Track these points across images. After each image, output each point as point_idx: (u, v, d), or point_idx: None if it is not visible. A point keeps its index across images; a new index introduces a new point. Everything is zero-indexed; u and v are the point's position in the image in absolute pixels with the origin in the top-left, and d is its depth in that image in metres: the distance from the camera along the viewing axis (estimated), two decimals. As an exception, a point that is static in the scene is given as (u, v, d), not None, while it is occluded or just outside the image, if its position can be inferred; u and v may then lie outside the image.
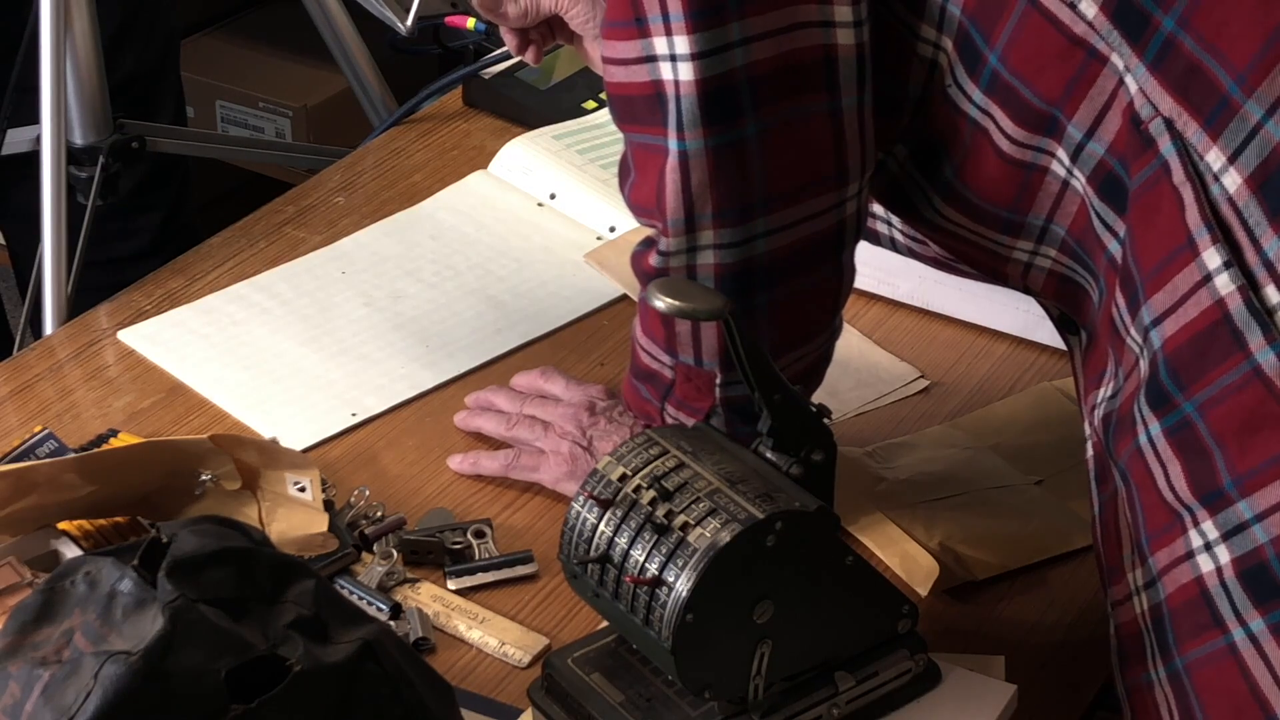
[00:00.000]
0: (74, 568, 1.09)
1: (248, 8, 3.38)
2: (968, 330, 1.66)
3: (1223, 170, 1.08)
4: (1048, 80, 1.14)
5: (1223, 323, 1.07)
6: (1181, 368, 1.09)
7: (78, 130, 1.94)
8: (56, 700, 1.02)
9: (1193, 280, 1.08)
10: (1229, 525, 1.07)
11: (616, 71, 1.22)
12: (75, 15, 1.89)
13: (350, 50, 2.21)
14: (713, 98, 1.19)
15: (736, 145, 1.20)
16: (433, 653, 1.32)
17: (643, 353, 1.35)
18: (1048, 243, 1.21)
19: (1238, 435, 1.07)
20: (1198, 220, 1.08)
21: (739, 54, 1.17)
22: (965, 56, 1.18)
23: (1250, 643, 1.07)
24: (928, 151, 1.24)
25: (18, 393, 1.56)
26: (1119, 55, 1.11)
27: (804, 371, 1.32)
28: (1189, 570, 1.10)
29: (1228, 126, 1.08)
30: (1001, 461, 1.49)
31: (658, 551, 1.14)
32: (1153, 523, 1.13)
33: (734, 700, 1.17)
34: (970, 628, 1.36)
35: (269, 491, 1.38)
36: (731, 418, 1.29)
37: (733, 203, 1.21)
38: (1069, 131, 1.15)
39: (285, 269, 1.72)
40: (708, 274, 1.24)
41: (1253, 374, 1.06)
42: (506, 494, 1.47)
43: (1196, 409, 1.09)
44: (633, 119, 1.23)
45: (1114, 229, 1.15)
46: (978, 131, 1.19)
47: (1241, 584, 1.07)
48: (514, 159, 1.85)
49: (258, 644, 1.04)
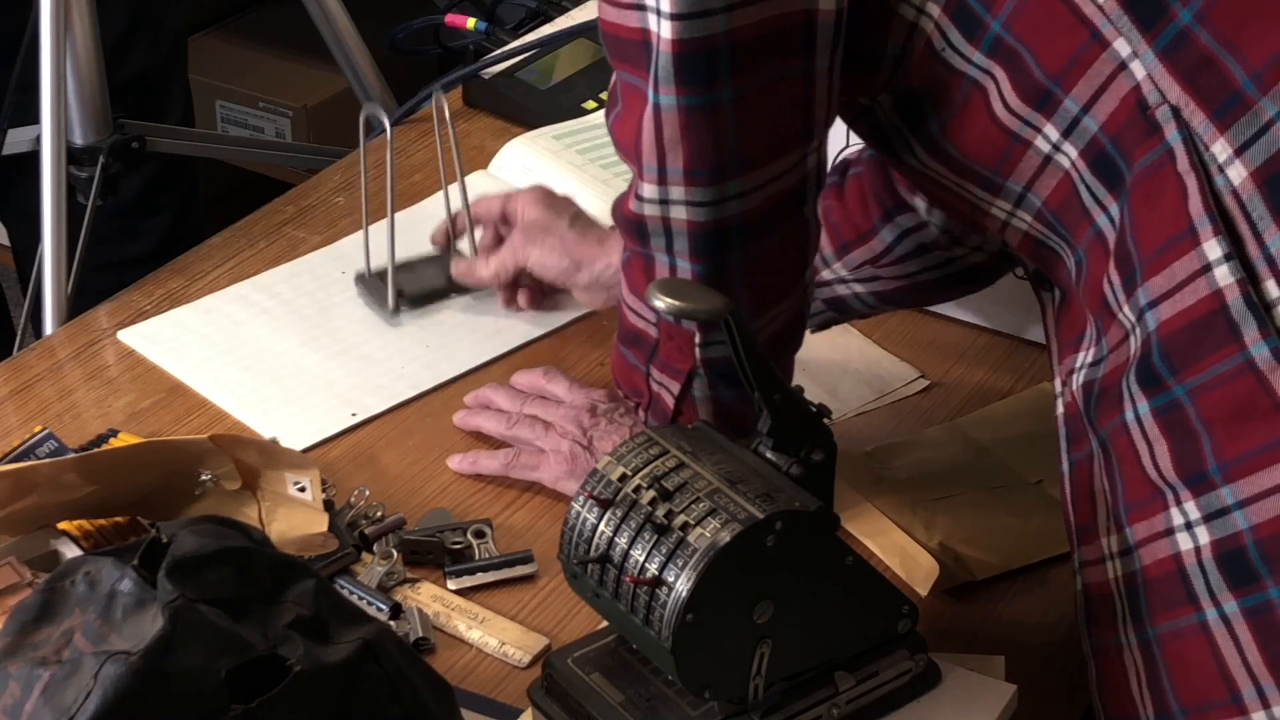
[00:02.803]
0: (74, 568, 1.10)
1: (248, 8, 3.38)
2: (968, 330, 1.66)
3: (1228, 162, 1.09)
4: (1052, 51, 1.16)
5: (1219, 313, 1.09)
6: (1175, 352, 1.11)
7: (78, 130, 1.94)
8: (56, 700, 1.02)
9: (1192, 268, 1.10)
10: (1211, 508, 1.10)
11: (609, 10, 1.23)
12: (75, 15, 1.89)
13: (350, 50, 2.21)
14: (687, 60, 1.19)
15: (710, 108, 1.20)
16: (433, 653, 1.32)
17: (629, 312, 1.35)
18: (1024, 209, 1.23)
19: (1226, 423, 1.09)
20: (1200, 210, 1.10)
21: (721, 20, 1.18)
22: (961, 21, 1.19)
23: (1223, 623, 1.10)
24: (912, 103, 1.25)
25: (18, 393, 1.56)
26: (1126, 40, 1.13)
27: (779, 333, 1.32)
28: (1168, 546, 1.12)
29: (1238, 120, 1.09)
30: (1001, 461, 1.49)
31: (658, 551, 1.14)
32: (1133, 494, 1.15)
33: (734, 700, 1.17)
34: (970, 628, 1.36)
35: (269, 491, 1.38)
36: (713, 380, 1.30)
37: (704, 163, 1.22)
38: (1065, 105, 1.16)
39: (285, 269, 1.72)
40: (681, 228, 1.25)
41: (1246, 366, 1.08)
42: (506, 494, 1.47)
43: (1187, 393, 1.10)
44: (622, 59, 1.24)
45: (1104, 204, 1.17)
46: (975, 90, 1.20)
47: (1219, 566, 1.10)
48: (514, 159, 1.85)
49: (258, 644, 1.04)
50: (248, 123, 3.18)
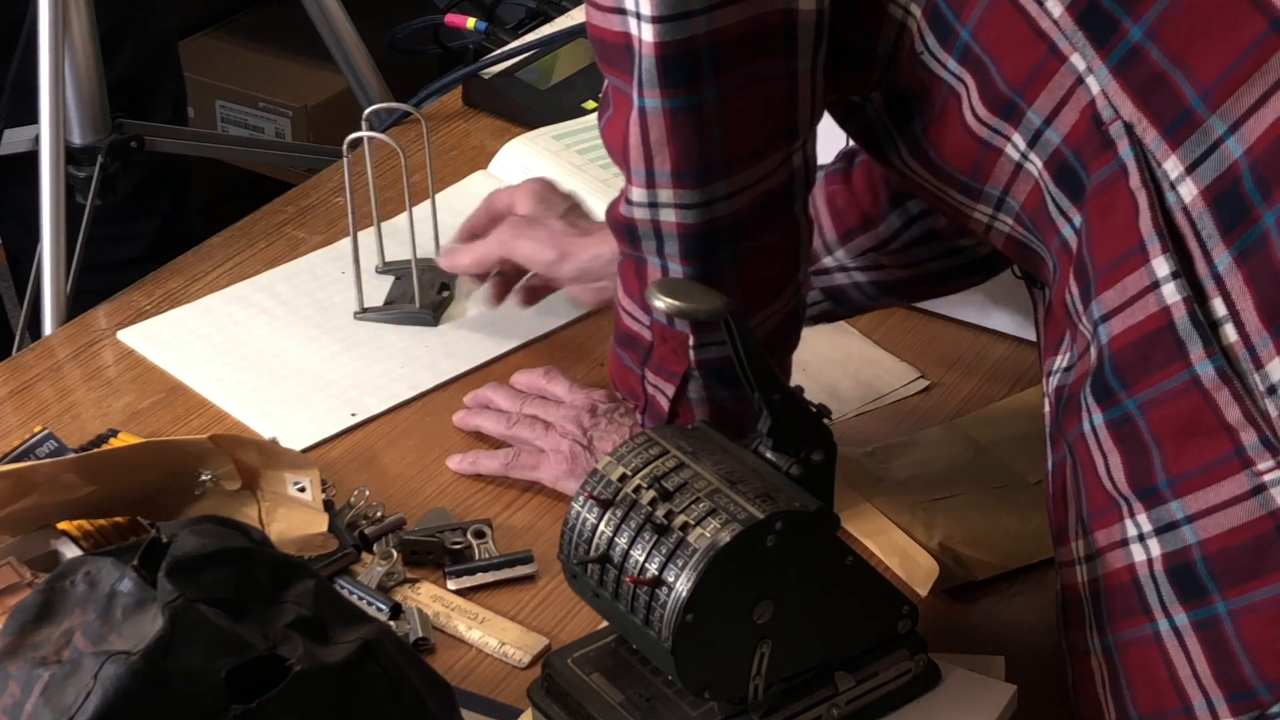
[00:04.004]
0: (74, 568, 1.10)
1: (248, 8, 3.38)
2: (968, 330, 1.66)
3: (1179, 179, 1.10)
4: (1014, 63, 1.16)
5: (1167, 330, 1.09)
6: (1125, 366, 1.12)
7: (76, 130, 1.94)
8: (56, 700, 1.02)
9: (1142, 284, 1.11)
10: (1161, 522, 1.11)
11: (594, 14, 1.23)
12: (73, 15, 1.89)
13: (350, 50, 2.21)
14: (670, 62, 1.19)
15: (694, 110, 1.21)
16: (433, 653, 1.32)
17: (624, 314, 1.35)
18: (1004, 212, 1.23)
19: (1175, 438, 1.10)
20: (1150, 227, 1.10)
21: (702, 20, 1.18)
22: (936, 26, 1.19)
23: (1174, 634, 1.11)
24: (900, 104, 1.26)
25: (17, 393, 1.56)
26: (1081, 56, 1.13)
27: (774, 333, 1.32)
28: (1124, 556, 1.14)
29: (1188, 138, 1.10)
30: (1001, 461, 1.49)
31: (658, 551, 1.14)
32: (1094, 503, 1.16)
33: (734, 700, 1.17)
34: (970, 628, 1.36)
35: (269, 491, 1.38)
36: (709, 381, 1.30)
37: (690, 165, 1.22)
38: (1028, 117, 1.16)
39: (285, 269, 1.72)
40: (671, 231, 1.25)
41: (1191, 383, 1.09)
42: (506, 494, 1.47)
43: (1138, 407, 1.11)
44: (608, 63, 1.24)
45: (1068, 215, 1.17)
46: (951, 96, 1.20)
47: (1169, 579, 1.11)
48: (514, 159, 1.85)
49: (258, 644, 1.04)
50: (248, 123, 3.18)
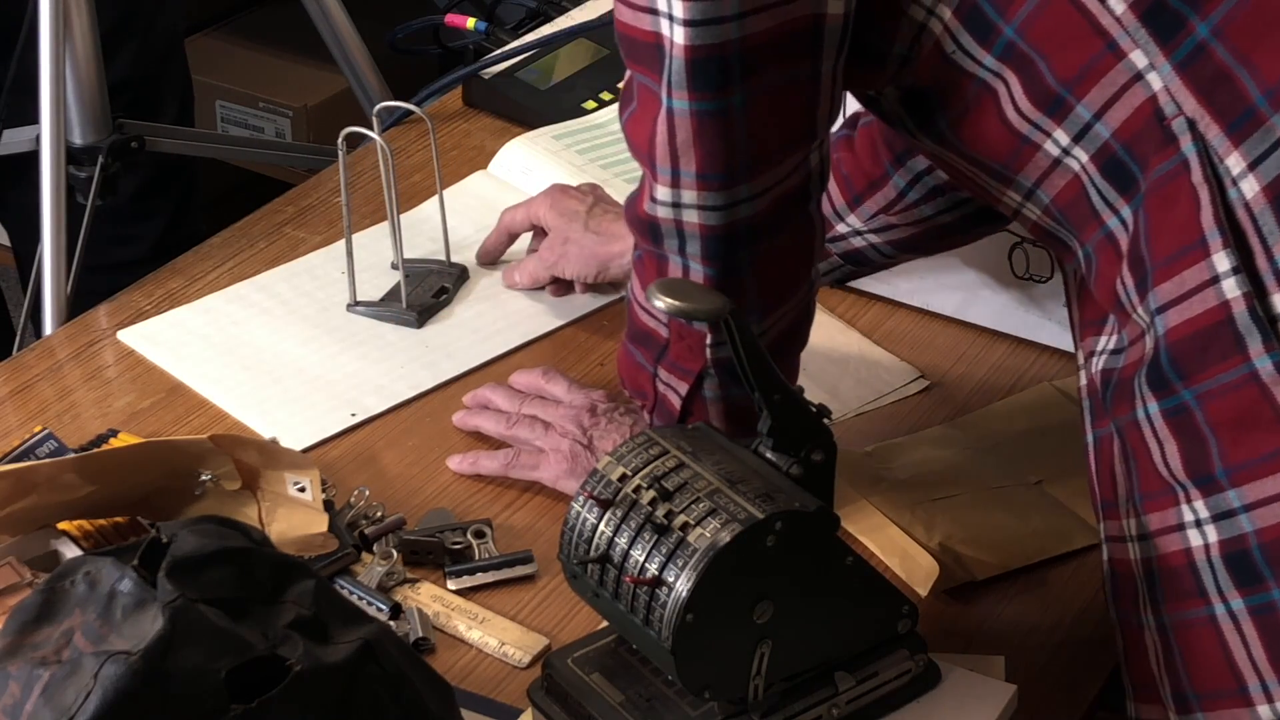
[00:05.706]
0: (74, 568, 1.10)
1: (248, 8, 3.38)
2: (968, 330, 1.66)
3: (1241, 176, 1.11)
4: (1066, 59, 1.17)
5: (1226, 324, 1.10)
6: (1182, 358, 1.13)
7: (77, 130, 1.94)
8: (56, 700, 1.02)
9: (1201, 278, 1.12)
10: (1219, 509, 1.12)
11: (624, 11, 1.24)
12: (74, 14, 1.88)
13: (350, 50, 2.21)
14: (699, 65, 1.19)
15: (721, 113, 1.21)
16: (433, 653, 1.32)
17: (640, 311, 1.35)
18: (1033, 202, 1.24)
19: (1232, 429, 1.11)
20: (1211, 222, 1.11)
21: (734, 27, 1.18)
22: (972, 24, 1.20)
23: (1229, 618, 1.13)
24: (919, 100, 1.26)
25: (18, 393, 1.56)
26: (1143, 53, 1.14)
27: (786, 330, 1.33)
28: (1179, 540, 1.15)
29: (1251, 135, 1.11)
30: (1001, 461, 1.49)
31: (658, 551, 1.14)
32: (1147, 485, 1.17)
33: (734, 700, 1.17)
34: (970, 628, 1.36)
35: (269, 491, 1.38)
36: (724, 379, 1.31)
37: (716, 167, 1.23)
38: (1077, 111, 1.17)
39: (285, 269, 1.72)
40: (694, 231, 1.26)
41: (1250, 377, 1.10)
42: (506, 494, 1.47)
43: (1195, 398, 1.12)
44: (636, 60, 1.25)
45: (1115, 206, 1.18)
46: (985, 94, 1.21)
47: (1226, 565, 1.13)
48: (514, 159, 1.85)
49: (258, 644, 1.04)
50: (248, 123, 3.18)
